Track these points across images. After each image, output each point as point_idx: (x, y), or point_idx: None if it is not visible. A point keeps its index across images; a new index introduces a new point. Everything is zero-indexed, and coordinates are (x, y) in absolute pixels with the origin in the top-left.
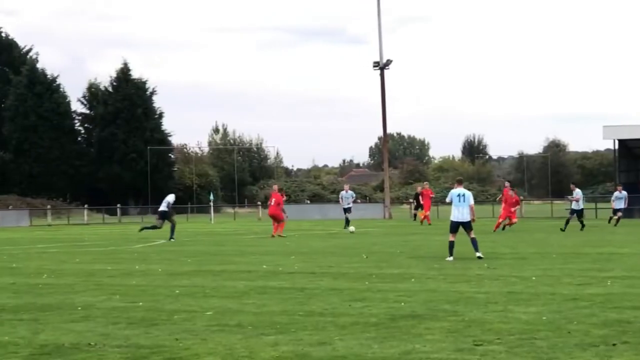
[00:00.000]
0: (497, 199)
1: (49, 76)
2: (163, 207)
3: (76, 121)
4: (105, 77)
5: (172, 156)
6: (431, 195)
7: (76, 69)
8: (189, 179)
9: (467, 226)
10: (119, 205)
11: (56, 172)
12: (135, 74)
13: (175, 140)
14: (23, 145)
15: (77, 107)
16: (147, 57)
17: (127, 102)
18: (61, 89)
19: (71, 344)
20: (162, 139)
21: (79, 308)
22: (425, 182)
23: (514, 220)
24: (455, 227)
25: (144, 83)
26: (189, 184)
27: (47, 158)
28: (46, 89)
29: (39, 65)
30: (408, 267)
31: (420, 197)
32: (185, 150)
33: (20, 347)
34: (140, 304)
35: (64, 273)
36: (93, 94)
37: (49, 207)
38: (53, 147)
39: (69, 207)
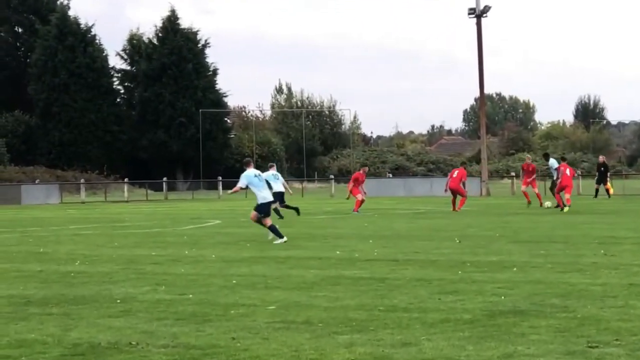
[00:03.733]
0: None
1: (82, 26)
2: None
3: (115, 79)
4: (148, 26)
5: (229, 121)
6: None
7: (114, 17)
8: (248, 147)
9: None
10: (164, 179)
11: (91, 140)
12: (184, 22)
13: (232, 101)
14: (52, 107)
15: (115, 62)
16: (198, 3)
17: (174, 57)
18: (97, 41)
19: (108, 343)
20: (217, 100)
21: (118, 301)
22: (527, 154)
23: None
24: None
25: (195, 34)
26: (248, 154)
27: (80, 123)
28: (79, 41)
29: (71, 13)
30: (509, 254)
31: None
32: (243, 113)
33: (49, 347)
34: (190, 296)
35: (100, 259)
36: (134, 47)
37: (82, 181)
38: (87, 109)
39: (106, 182)
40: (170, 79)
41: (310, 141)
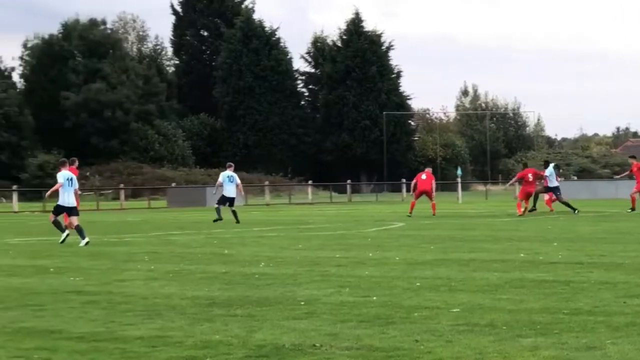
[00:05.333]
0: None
1: (267, 29)
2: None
3: (299, 82)
4: (333, 29)
5: (412, 123)
6: None
7: (298, 20)
8: (432, 150)
9: None
10: (348, 181)
11: (275, 142)
12: (368, 25)
13: (416, 104)
14: (237, 110)
15: (299, 65)
16: (382, 6)
17: (358, 59)
18: (281, 44)
19: (292, 345)
20: (400, 102)
21: (302, 303)
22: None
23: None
24: None
25: (379, 36)
26: (432, 156)
27: (264, 126)
28: (264, 44)
29: (256, 16)
30: None
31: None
32: (427, 116)
33: (233, 348)
34: (374, 298)
35: (284, 261)
36: (319, 49)
37: (267, 183)
38: (272, 112)
39: (290, 184)
40: (354, 81)
41: (495, 143)
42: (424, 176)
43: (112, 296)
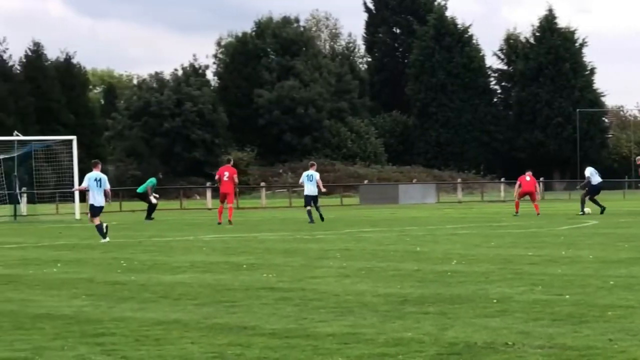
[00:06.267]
0: None
1: (459, 26)
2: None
3: (491, 79)
4: (526, 26)
5: (606, 120)
6: None
7: (491, 17)
8: (626, 147)
9: None
10: (541, 179)
11: (467, 140)
12: (561, 22)
13: (610, 101)
14: (429, 107)
15: (492, 62)
16: (575, 2)
17: (551, 56)
18: (474, 41)
19: (484, 343)
20: (594, 100)
21: (494, 301)
22: None
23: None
24: None
25: (572, 33)
26: (626, 154)
27: (456, 123)
28: (456, 42)
29: (448, 13)
30: None
31: None
32: (621, 113)
33: (425, 345)
34: (567, 297)
35: (476, 259)
36: (511, 46)
37: (459, 180)
38: (464, 109)
39: (482, 181)
40: (547, 78)
41: None
42: (527, 178)
43: (304, 293)
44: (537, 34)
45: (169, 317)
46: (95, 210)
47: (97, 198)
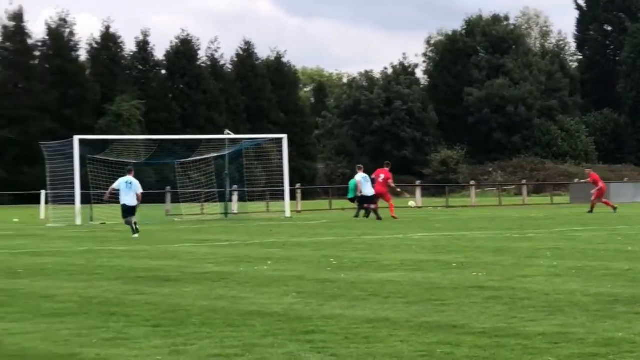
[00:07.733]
0: None
1: None
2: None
3: None
4: None
5: None
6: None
7: None
8: None
9: None
10: None
11: None
12: None
13: None
14: None
15: None
16: None
17: None
18: None
19: None
20: None
21: None
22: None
23: None
24: None
25: None
26: None
27: None
28: None
29: None
30: None
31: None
32: None
33: (637, 346)
34: None
35: None
36: None
37: None
38: None
39: None
40: None
41: None
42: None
43: (514, 292)
44: None
45: (379, 315)
46: (127, 209)
47: (125, 198)
